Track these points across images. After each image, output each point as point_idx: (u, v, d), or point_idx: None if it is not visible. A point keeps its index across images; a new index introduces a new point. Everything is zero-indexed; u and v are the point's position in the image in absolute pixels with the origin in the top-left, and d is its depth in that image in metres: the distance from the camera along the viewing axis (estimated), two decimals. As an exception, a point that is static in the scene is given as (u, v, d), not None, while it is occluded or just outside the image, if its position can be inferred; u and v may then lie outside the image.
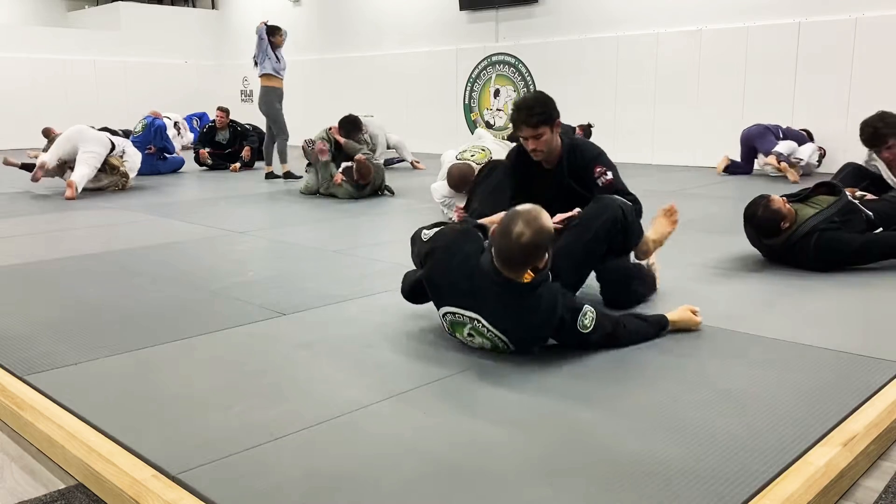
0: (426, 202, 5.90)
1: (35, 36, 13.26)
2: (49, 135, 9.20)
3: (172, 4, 15.66)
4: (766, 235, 3.70)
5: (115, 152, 7.20)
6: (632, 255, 3.13)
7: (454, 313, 2.45)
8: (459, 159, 5.28)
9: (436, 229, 2.62)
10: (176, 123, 11.71)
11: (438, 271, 2.48)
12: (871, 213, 3.65)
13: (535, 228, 2.24)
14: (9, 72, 12.56)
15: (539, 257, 2.31)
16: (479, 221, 2.80)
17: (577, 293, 2.79)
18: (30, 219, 5.66)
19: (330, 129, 6.88)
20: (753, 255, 3.88)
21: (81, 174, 6.81)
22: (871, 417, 1.99)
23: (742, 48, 8.44)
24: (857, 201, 3.77)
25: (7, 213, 5.89)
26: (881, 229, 3.65)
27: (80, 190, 6.74)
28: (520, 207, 2.32)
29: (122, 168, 7.24)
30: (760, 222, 3.64)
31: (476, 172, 5.08)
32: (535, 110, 3.05)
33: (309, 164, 7.03)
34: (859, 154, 4.71)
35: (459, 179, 5.07)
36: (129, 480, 1.70)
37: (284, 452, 1.82)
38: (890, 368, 2.33)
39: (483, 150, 5.32)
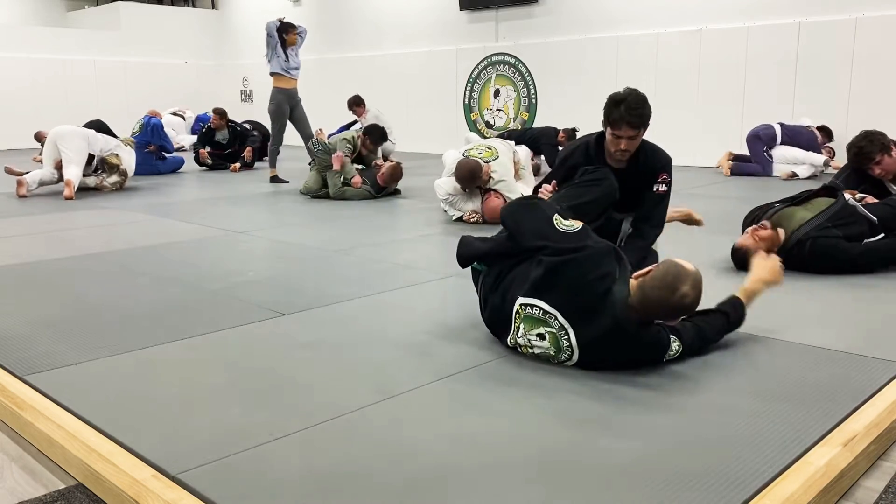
0: (427, 202, 5.91)
1: (35, 36, 13.26)
2: (41, 139, 9.22)
3: (172, 4, 15.66)
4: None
5: (107, 150, 7.20)
6: None
7: (546, 312, 2.31)
8: (466, 156, 5.26)
9: (576, 225, 2.45)
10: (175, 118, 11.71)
11: (572, 274, 2.31)
12: (874, 218, 3.60)
13: (699, 292, 2.21)
14: (9, 72, 12.56)
15: (678, 318, 2.30)
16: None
17: None
18: (29, 219, 5.66)
19: (360, 137, 6.79)
20: (753, 255, 3.88)
21: (73, 173, 6.84)
22: (871, 417, 1.99)
23: (742, 48, 8.44)
24: (858, 204, 3.73)
25: (7, 213, 5.89)
26: (882, 235, 3.61)
27: (76, 186, 6.75)
28: (685, 265, 2.22)
29: (122, 166, 7.26)
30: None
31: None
32: (639, 111, 2.87)
33: (311, 162, 7.01)
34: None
35: (468, 174, 5.04)
36: (129, 480, 1.70)
37: (284, 452, 1.82)
38: (890, 368, 2.33)
39: (489, 148, 5.30)
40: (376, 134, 6.79)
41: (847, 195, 3.76)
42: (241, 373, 2.38)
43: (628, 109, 2.85)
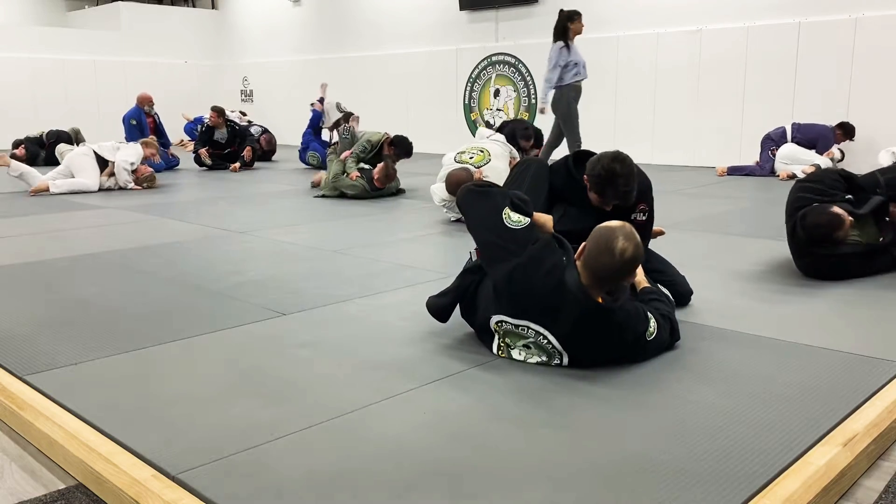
0: (428, 202, 5.91)
1: (35, 36, 13.25)
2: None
3: (172, 4, 15.65)
4: (809, 242, 3.55)
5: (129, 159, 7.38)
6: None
7: (517, 325, 2.38)
8: (458, 161, 5.27)
9: (523, 221, 2.43)
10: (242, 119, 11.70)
11: (520, 280, 2.34)
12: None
13: (636, 243, 2.23)
14: (9, 71, 12.56)
15: (634, 274, 2.31)
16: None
17: None
18: (30, 219, 5.66)
19: (386, 140, 6.85)
20: (753, 257, 3.88)
21: (62, 184, 7.05)
22: (871, 417, 1.99)
23: (742, 48, 8.44)
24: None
25: (7, 213, 5.89)
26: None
27: (45, 188, 6.98)
28: (609, 224, 2.27)
29: (153, 180, 7.54)
30: (814, 236, 3.48)
31: (474, 174, 5.10)
32: (629, 192, 2.78)
33: (330, 155, 7.14)
34: (859, 154, 4.68)
35: (457, 186, 5.05)
36: (129, 480, 1.70)
37: (284, 452, 1.82)
38: (890, 368, 2.34)
39: (481, 151, 5.30)
40: (402, 148, 6.85)
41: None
42: (241, 373, 2.38)
43: (617, 192, 2.77)
